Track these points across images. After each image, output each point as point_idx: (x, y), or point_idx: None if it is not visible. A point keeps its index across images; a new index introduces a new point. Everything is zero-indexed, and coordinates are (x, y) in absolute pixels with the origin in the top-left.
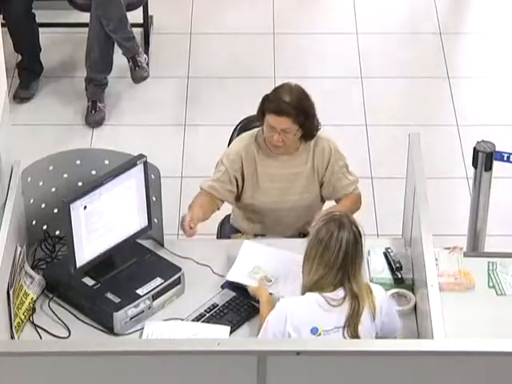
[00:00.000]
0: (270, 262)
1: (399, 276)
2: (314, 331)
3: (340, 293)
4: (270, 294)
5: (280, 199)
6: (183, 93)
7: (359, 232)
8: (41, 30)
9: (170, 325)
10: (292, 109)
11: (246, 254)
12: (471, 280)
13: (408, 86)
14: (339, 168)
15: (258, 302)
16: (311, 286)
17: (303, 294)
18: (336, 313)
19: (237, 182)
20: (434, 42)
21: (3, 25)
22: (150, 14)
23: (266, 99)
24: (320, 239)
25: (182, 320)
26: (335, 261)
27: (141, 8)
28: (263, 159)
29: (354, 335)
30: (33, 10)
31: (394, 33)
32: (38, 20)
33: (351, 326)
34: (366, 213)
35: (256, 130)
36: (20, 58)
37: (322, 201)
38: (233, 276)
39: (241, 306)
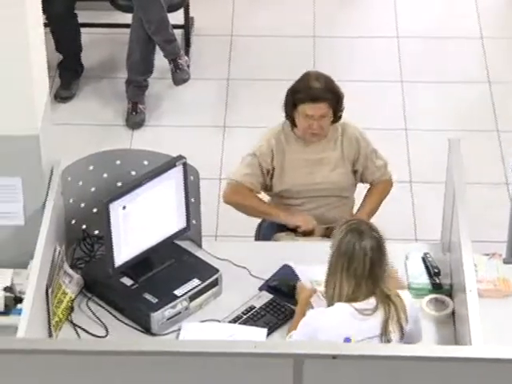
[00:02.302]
0: None
1: (437, 281)
2: (347, 341)
3: (372, 301)
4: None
5: (308, 182)
6: (223, 95)
7: (380, 236)
8: (82, 30)
9: (206, 326)
10: (327, 93)
11: (318, 268)
12: (510, 287)
13: (448, 90)
14: (368, 154)
15: (295, 304)
16: (343, 299)
17: (330, 305)
18: (369, 323)
19: (267, 173)
20: (476, 45)
21: (46, 25)
22: (190, 15)
23: (294, 91)
24: (343, 252)
25: (219, 321)
26: (363, 271)
27: (182, 9)
28: (291, 146)
29: (390, 340)
30: (75, 11)
31: (434, 37)
32: (80, 20)
33: (387, 333)
34: (404, 217)
35: (281, 122)
36: (61, 57)
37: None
38: (301, 270)
39: (278, 309)
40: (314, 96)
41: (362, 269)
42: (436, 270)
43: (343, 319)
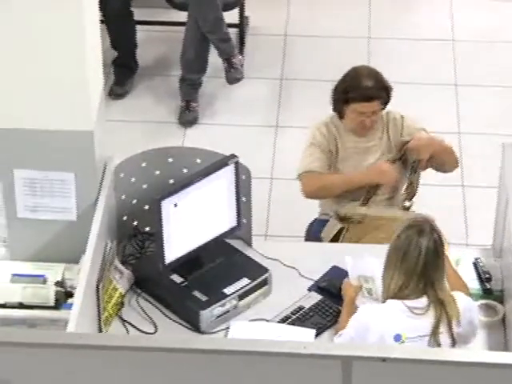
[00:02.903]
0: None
1: (488, 287)
2: (397, 338)
3: (423, 301)
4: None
5: (359, 169)
6: (276, 94)
7: (440, 239)
8: (138, 27)
9: (255, 325)
10: (379, 91)
11: (372, 261)
12: None
13: (503, 94)
14: (417, 130)
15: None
16: (393, 296)
17: (384, 301)
18: (420, 321)
19: (331, 154)
20: None
21: (102, 22)
22: (246, 14)
23: (346, 90)
24: (399, 246)
25: (268, 321)
26: (415, 268)
27: (237, 9)
28: (342, 136)
29: (439, 344)
30: (131, 8)
31: (489, 41)
32: (136, 17)
33: (437, 335)
34: (455, 222)
35: (328, 115)
36: (116, 54)
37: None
38: (350, 262)
39: (326, 310)
40: (368, 96)
41: (413, 266)
42: (487, 276)
43: (394, 316)
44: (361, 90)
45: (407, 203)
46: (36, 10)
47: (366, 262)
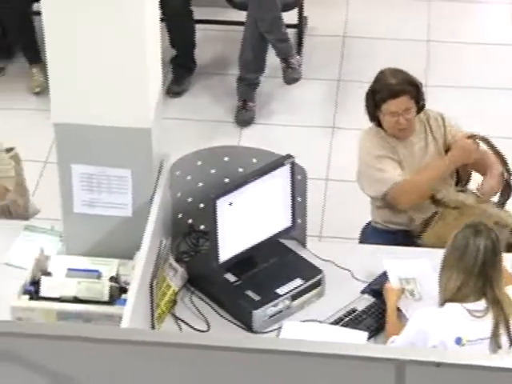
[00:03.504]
0: (426, 281)
1: None
2: (458, 341)
3: (482, 303)
4: (398, 309)
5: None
6: (333, 95)
7: (496, 237)
8: (197, 26)
9: (307, 326)
10: (405, 85)
11: (414, 262)
12: None
13: None
14: (456, 132)
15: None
16: (452, 297)
17: (442, 305)
18: (480, 324)
19: (398, 159)
20: None
21: (162, 20)
22: (304, 15)
23: (374, 92)
24: (456, 246)
25: (320, 322)
26: (473, 267)
27: (296, 9)
28: (391, 145)
29: (500, 346)
30: (191, 7)
31: None
32: (195, 16)
33: (497, 336)
34: None
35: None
36: (175, 53)
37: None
38: (389, 265)
39: (379, 313)
40: (394, 91)
41: (471, 265)
42: None
43: (454, 319)
44: (386, 88)
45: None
46: (99, 9)
47: (405, 263)
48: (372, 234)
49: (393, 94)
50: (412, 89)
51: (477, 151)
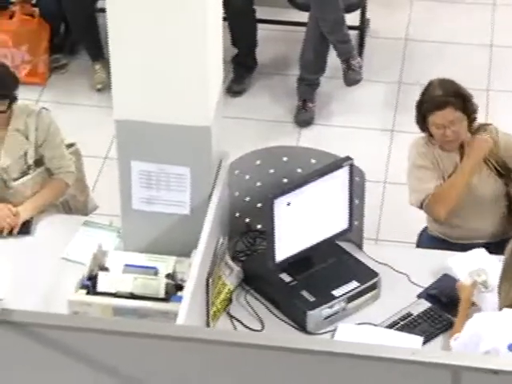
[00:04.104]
0: (495, 271)
1: None
2: (511, 347)
3: None
4: (473, 304)
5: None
6: (394, 98)
7: None
8: (259, 26)
9: (362, 329)
10: (450, 97)
11: (476, 252)
12: None
13: None
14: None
15: (454, 315)
16: (507, 303)
17: (500, 310)
18: None
19: (440, 171)
20: None
21: (224, 19)
22: (367, 17)
23: (420, 104)
24: None
25: (375, 325)
26: None
27: (359, 11)
28: (442, 154)
29: None
30: (254, 6)
31: None
32: (258, 16)
33: None
34: None
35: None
36: (236, 52)
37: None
38: (454, 263)
39: (435, 318)
40: (439, 103)
41: None
42: None
43: (508, 325)
44: (432, 100)
45: None
46: (163, 7)
47: (469, 255)
48: (428, 240)
49: (437, 106)
50: (458, 100)
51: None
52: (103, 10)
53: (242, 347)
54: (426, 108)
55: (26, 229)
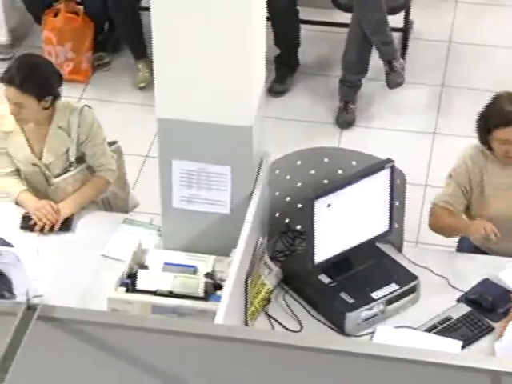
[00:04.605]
0: None
1: None
2: None
3: None
4: None
5: (509, 209)
6: (436, 101)
7: None
8: (302, 26)
9: (400, 332)
10: None
11: None
12: None
13: None
14: None
15: (494, 319)
16: None
17: None
18: None
19: (467, 192)
20: None
21: (268, 18)
22: (410, 18)
23: (487, 116)
24: None
25: (414, 329)
26: None
27: (402, 12)
28: (491, 169)
29: None
30: (297, 6)
31: None
32: (301, 16)
33: None
34: None
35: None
36: (279, 52)
37: None
38: (506, 276)
39: (475, 323)
40: (508, 119)
41: None
42: None
43: None
44: (500, 114)
45: None
46: (207, 6)
47: None
48: (468, 248)
49: (506, 122)
50: None
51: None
52: (147, 9)
53: (280, 347)
54: (493, 122)
55: (66, 226)
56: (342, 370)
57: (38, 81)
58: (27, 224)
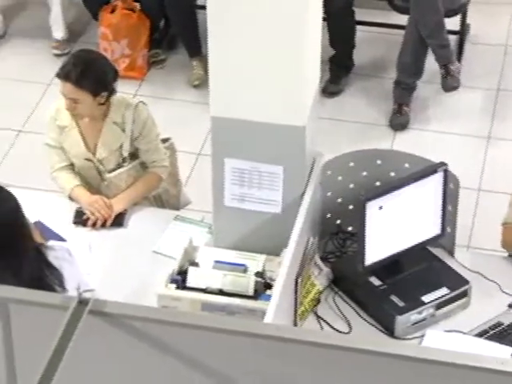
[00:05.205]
0: None
1: None
2: None
3: None
4: None
5: None
6: (491, 105)
7: None
8: (357, 27)
9: (450, 336)
10: None
11: None
12: None
13: None
14: None
15: None
16: None
17: None
18: None
19: None
20: None
21: (324, 19)
22: (467, 22)
23: None
24: None
25: (464, 334)
26: None
27: (459, 15)
28: None
29: None
30: (353, 8)
31: None
32: (357, 17)
33: None
34: None
35: None
36: (334, 52)
37: None
38: None
39: None
40: None
41: None
42: None
43: None
44: None
45: None
46: (263, 6)
47: None
48: None
49: None
50: None
51: None
52: (203, 7)
53: (329, 348)
54: None
55: (119, 221)
56: (391, 372)
57: (93, 77)
58: (80, 219)
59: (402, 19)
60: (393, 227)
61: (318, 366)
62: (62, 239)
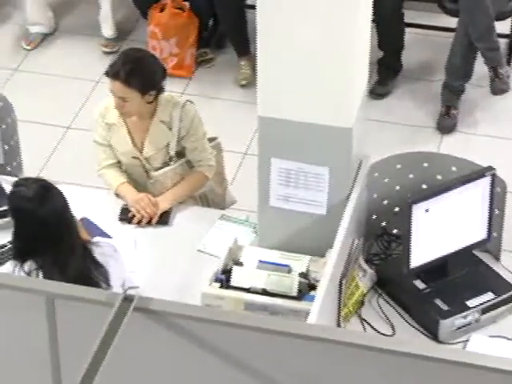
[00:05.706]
0: None
1: None
2: None
3: None
4: None
5: None
6: None
7: None
8: (406, 29)
9: (495, 342)
10: None
11: None
12: None
13: None
14: None
15: None
16: None
17: None
18: None
19: None
20: None
21: (373, 21)
22: None
23: None
24: None
25: (509, 339)
26: None
27: (509, 19)
28: None
29: None
30: (403, 10)
31: None
32: (406, 19)
33: None
34: None
35: None
36: (382, 54)
37: None
38: None
39: None
40: None
41: None
42: None
43: None
44: None
45: None
46: (313, 6)
47: None
48: None
49: None
50: None
51: None
52: (253, 7)
53: (373, 351)
54: None
55: (164, 219)
56: (434, 377)
57: (142, 75)
58: (126, 216)
59: (452, 22)
60: (438, 230)
61: (361, 368)
62: (107, 236)
